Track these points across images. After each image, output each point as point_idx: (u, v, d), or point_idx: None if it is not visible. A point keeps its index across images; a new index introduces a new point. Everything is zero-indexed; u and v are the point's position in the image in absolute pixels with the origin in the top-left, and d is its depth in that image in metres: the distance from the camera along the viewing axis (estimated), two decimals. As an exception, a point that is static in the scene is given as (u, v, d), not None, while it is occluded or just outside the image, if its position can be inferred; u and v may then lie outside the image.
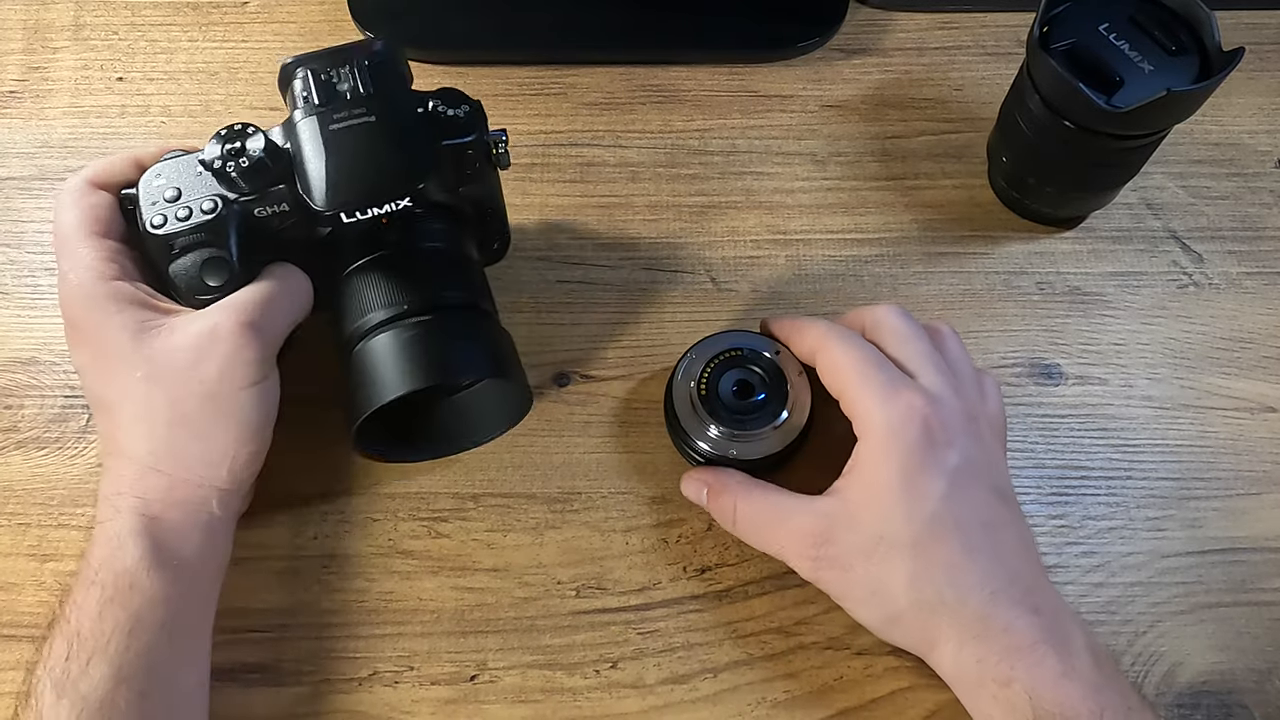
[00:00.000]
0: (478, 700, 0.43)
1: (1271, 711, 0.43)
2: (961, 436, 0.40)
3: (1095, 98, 0.43)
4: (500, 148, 0.43)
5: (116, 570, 0.38)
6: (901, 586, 0.39)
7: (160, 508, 0.39)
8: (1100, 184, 0.50)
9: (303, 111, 0.40)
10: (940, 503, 0.38)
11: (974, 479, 0.40)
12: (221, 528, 0.41)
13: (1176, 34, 0.45)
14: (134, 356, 0.40)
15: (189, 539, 0.39)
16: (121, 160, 0.43)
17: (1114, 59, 0.44)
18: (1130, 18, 0.45)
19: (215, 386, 0.40)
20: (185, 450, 0.40)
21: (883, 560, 0.39)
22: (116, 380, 0.40)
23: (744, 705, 0.43)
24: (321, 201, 0.39)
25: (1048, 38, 0.45)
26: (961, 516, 0.39)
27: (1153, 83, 0.44)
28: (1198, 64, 0.44)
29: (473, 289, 0.44)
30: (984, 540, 0.39)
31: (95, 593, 0.37)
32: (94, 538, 0.39)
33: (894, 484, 0.39)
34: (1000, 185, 0.53)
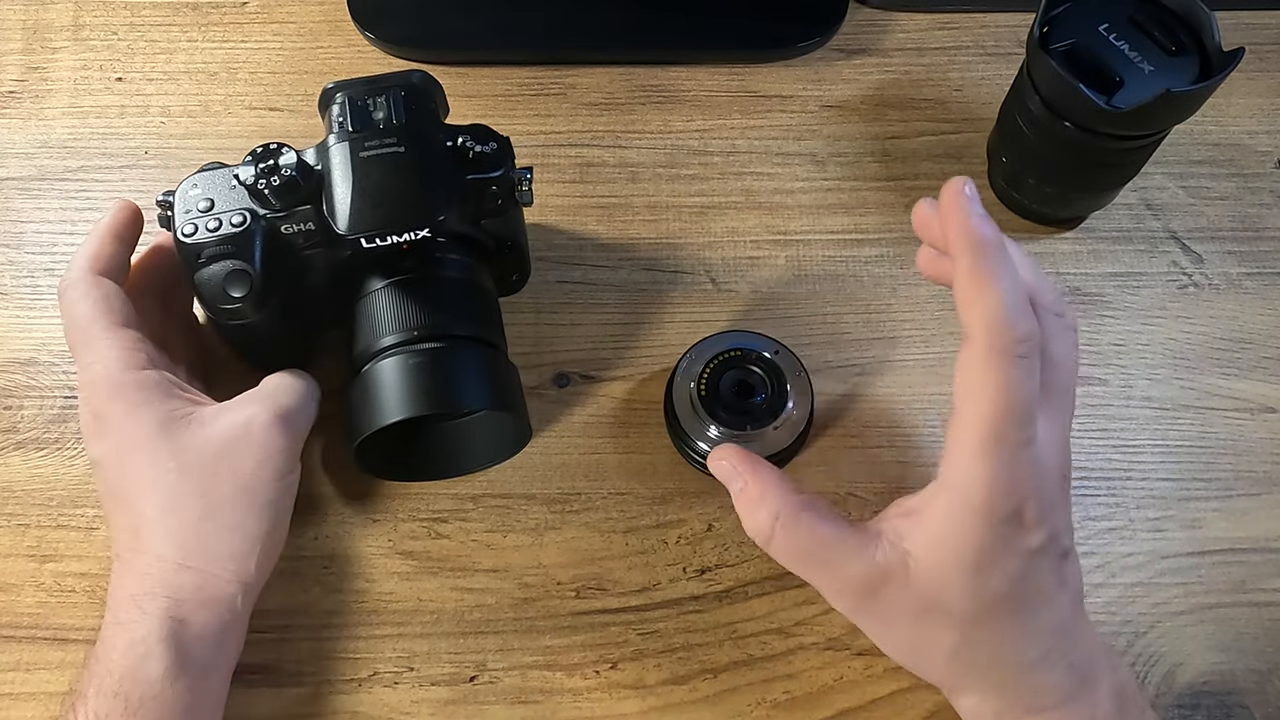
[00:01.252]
0: (477, 701, 0.43)
1: (1271, 712, 0.43)
2: (1052, 512, 0.35)
3: (1095, 98, 0.43)
4: (525, 185, 0.44)
5: (142, 682, 0.37)
6: (944, 654, 0.36)
7: (190, 608, 0.38)
8: (1100, 184, 0.50)
9: (336, 136, 0.41)
10: (1009, 585, 0.35)
11: (1048, 553, 0.35)
12: (239, 628, 0.41)
13: (1176, 34, 0.45)
14: (164, 447, 0.39)
15: (210, 643, 0.39)
16: (106, 240, 0.43)
17: (1114, 59, 0.44)
18: (1130, 18, 0.45)
19: (249, 479, 0.40)
20: (216, 544, 0.39)
21: (930, 625, 0.36)
22: (143, 472, 0.39)
23: (744, 705, 0.43)
24: (344, 225, 0.40)
25: (1047, 38, 0.45)
26: (1025, 596, 0.35)
27: (1152, 83, 0.44)
28: (1198, 64, 0.44)
29: (484, 321, 0.44)
30: (1039, 612, 0.36)
31: (119, 706, 0.36)
32: (111, 639, 0.38)
33: (966, 558, 0.34)
34: (1000, 185, 0.53)
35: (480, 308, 0.45)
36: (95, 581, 0.45)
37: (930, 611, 0.36)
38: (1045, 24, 0.45)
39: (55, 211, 0.53)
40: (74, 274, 0.42)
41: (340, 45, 0.58)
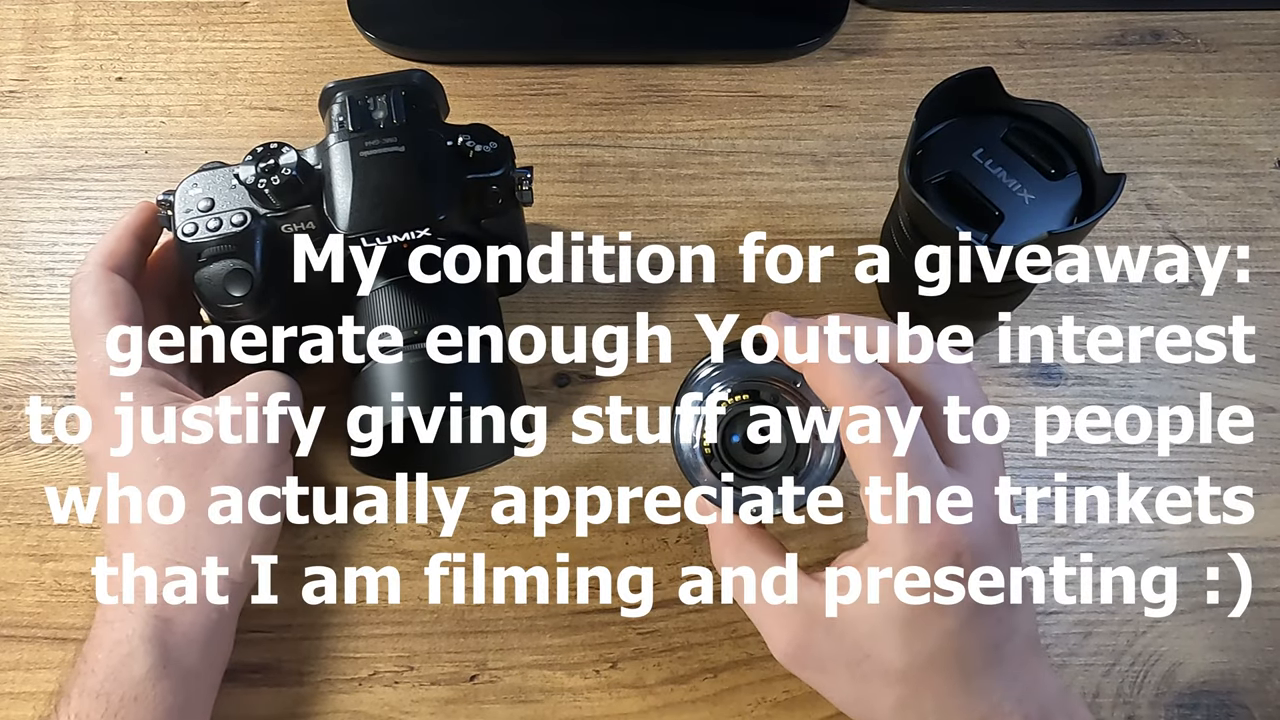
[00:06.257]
0: (478, 700, 0.43)
1: (1271, 711, 0.43)
2: (989, 561, 0.33)
3: (977, 239, 0.39)
4: (525, 185, 0.44)
5: (124, 682, 0.37)
6: (888, 709, 0.34)
7: (175, 609, 0.38)
8: (982, 313, 0.47)
9: (336, 135, 0.41)
10: (946, 640, 0.33)
11: (989, 605, 0.33)
12: (228, 627, 0.41)
13: (1055, 153, 0.41)
14: (153, 444, 0.39)
15: (198, 643, 0.39)
16: (124, 238, 0.43)
17: (992, 190, 0.41)
18: (1004, 139, 0.42)
19: (236, 475, 0.40)
20: (204, 542, 0.39)
21: (866, 679, 0.34)
22: (132, 468, 0.40)
23: (744, 705, 0.43)
24: (344, 225, 0.40)
25: (920, 169, 0.42)
26: (966, 651, 0.33)
27: (1034, 215, 0.40)
28: (1079, 186, 0.41)
29: (484, 320, 0.44)
30: (986, 662, 0.34)
31: (100, 706, 0.36)
32: (98, 637, 0.38)
33: (895, 615, 0.33)
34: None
35: (480, 307, 0.45)
36: (95, 581, 0.45)
37: (863, 661, 0.34)
38: (918, 149, 0.42)
39: (55, 211, 0.53)
40: (87, 268, 0.42)
41: (340, 45, 0.58)
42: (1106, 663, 0.44)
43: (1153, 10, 0.59)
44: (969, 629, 0.33)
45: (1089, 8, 0.59)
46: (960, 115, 0.43)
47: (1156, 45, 0.58)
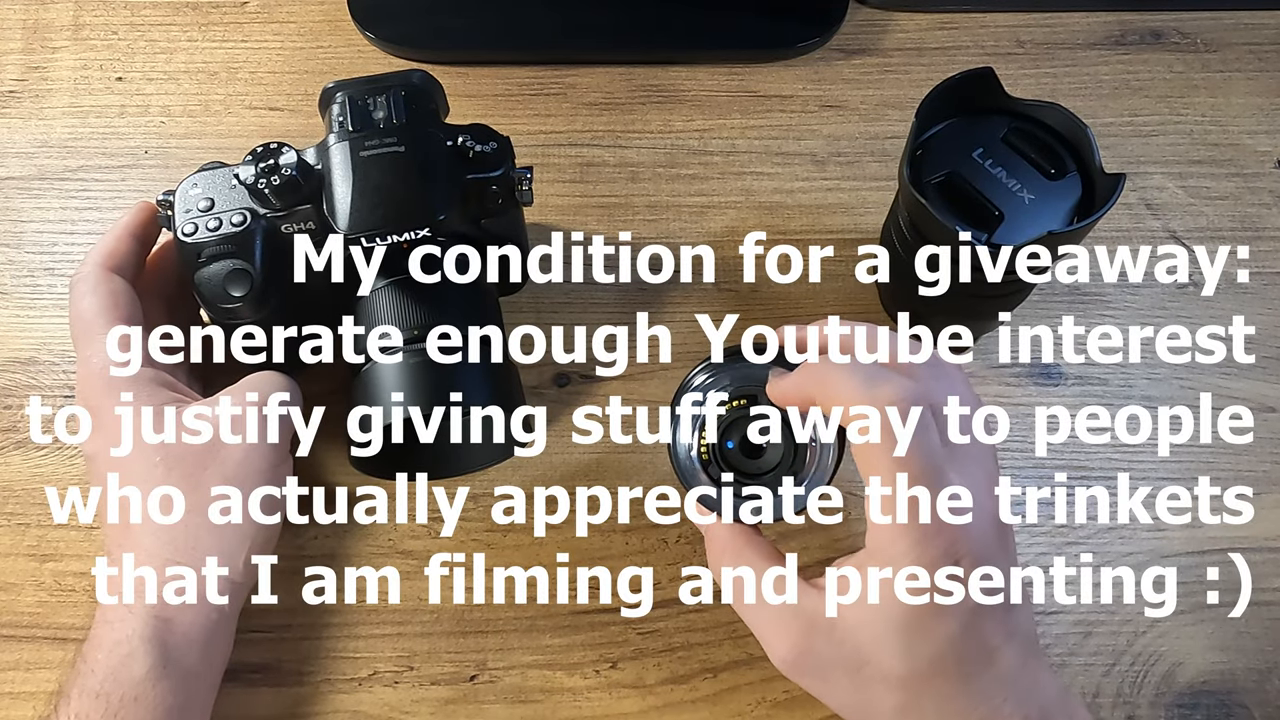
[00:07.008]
0: (478, 700, 0.43)
1: (1271, 711, 0.43)
2: (988, 564, 0.33)
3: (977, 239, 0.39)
4: (525, 185, 0.44)
5: (124, 683, 0.37)
6: (887, 714, 0.34)
7: (175, 609, 0.38)
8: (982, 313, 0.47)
9: (336, 135, 0.41)
10: (946, 644, 0.33)
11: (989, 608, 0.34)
12: (228, 627, 0.41)
13: (1055, 153, 0.41)
14: (153, 444, 0.39)
15: (197, 643, 0.39)
16: (123, 238, 0.43)
17: (992, 190, 0.41)
18: (1004, 139, 0.42)
19: (235, 475, 0.40)
20: (203, 541, 0.39)
21: (867, 685, 0.34)
22: (131, 468, 0.40)
23: (744, 705, 0.43)
24: (343, 225, 0.40)
25: (920, 169, 0.42)
26: (966, 654, 0.33)
27: (1034, 214, 0.40)
28: (1079, 186, 0.41)
29: (484, 320, 0.44)
30: (985, 664, 0.34)
31: (100, 706, 0.36)
32: (98, 637, 0.38)
33: (894, 621, 0.33)
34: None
35: (480, 307, 0.45)
36: (95, 581, 0.45)
37: (862, 668, 0.34)
38: (918, 149, 0.42)
39: (55, 211, 0.53)
40: (86, 268, 0.42)
41: (340, 45, 0.58)
42: (1106, 663, 0.44)
43: (1153, 10, 0.59)
44: (969, 631, 0.33)
45: (1089, 8, 0.59)
46: (960, 115, 0.43)
47: (1156, 45, 0.58)
